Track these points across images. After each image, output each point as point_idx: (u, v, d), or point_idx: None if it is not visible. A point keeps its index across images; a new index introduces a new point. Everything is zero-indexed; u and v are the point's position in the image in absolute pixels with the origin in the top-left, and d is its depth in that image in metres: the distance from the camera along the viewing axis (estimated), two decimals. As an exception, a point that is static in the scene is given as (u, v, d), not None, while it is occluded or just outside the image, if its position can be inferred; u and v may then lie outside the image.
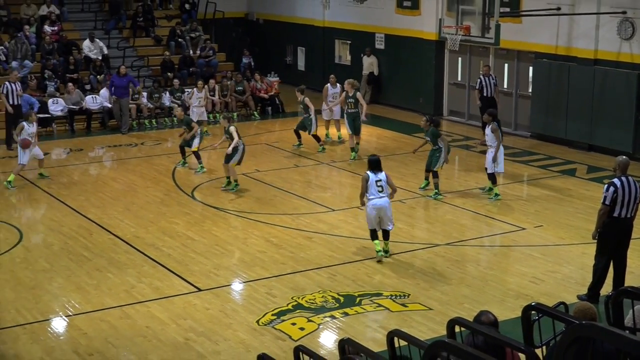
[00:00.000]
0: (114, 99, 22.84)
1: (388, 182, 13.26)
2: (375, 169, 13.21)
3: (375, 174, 13.16)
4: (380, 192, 13.09)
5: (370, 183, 13.07)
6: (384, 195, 13.13)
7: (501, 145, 16.56)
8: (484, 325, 6.93)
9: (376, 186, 13.08)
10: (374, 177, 13.10)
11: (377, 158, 13.46)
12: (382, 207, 13.11)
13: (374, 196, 13.06)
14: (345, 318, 11.39)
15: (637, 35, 19.43)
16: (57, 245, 14.36)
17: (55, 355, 10.35)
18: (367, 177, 13.12)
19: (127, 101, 22.89)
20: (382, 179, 13.14)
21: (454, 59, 24.59)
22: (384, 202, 13.11)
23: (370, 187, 13.08)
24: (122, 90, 22.73)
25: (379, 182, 13.11)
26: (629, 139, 19.67)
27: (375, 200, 13.07)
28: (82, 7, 27.87)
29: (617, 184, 11.51)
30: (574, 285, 12.39)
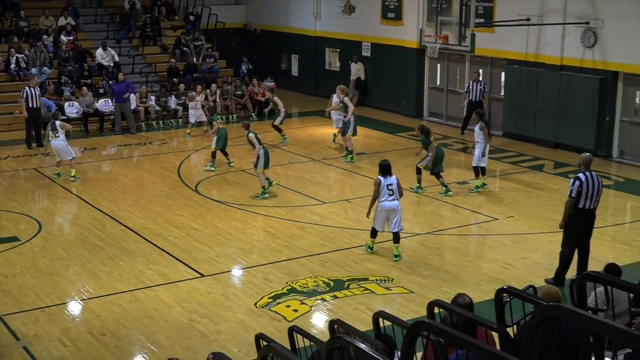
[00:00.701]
0: (115, 104, 22.71)
1: (398, 187, 12.87)
2: (386, 173, 12.78)
3: (386, 178, 12.75)
4: (391, 195, 12.72)
5: (382, 187, 12.70)
6: (395, 199, 12.76)
7: (482, 143, 16.54)
8: (461, 306, 6.93)
9: (387, 190, 12.72)
10: (385, 182, 12.71)
11: (387, 163, 12.96)
12: (391, 209, 12.75)
13: (385, 199, 12.72)
14: (335, 301, 11.38)
15: (599, 43, 19.43)
16: (73, 235, 14.31)
17: (71, 335, 10.32)
18: (379, 181, 12.73)
19: (129, 105, 22.78)
20: (393, 183, 12.76)
21: (434, 65, 24.56)
22: (394, 204, 12.75)
23: (382, 191, 12.71)
24: (122, 96, 22.61)
25: (390, 185, 12.73)
26: (592, 137, 19.68)
27: (385, 202, 12.72)
28: (95, 19, 27.74)
29: (582, 178, 11.53)
30: (542, 270, 12.39)
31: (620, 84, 19.42)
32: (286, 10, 29.57)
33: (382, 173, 12.81)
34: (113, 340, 10.20)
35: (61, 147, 17.50)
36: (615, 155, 19.67)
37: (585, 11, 19.59)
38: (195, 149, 21.14)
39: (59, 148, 17.49)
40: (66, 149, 17.57)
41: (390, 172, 12.84)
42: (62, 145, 17.51)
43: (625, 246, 13.52)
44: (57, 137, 17.47)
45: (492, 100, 22.28)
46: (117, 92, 22.61)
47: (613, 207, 16.08)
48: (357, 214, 15.46)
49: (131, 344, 10.17)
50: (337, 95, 20.00)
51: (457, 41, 19.43)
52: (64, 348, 10.00)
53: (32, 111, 20.52)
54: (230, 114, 24.90)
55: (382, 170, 12.84)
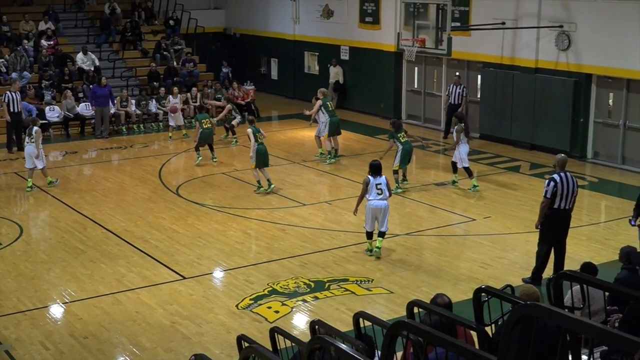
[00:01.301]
0: (94, 108, 22.57)
1: (387, 186, 12.91)
2: (376, 173, 12.82)
3: (376, 177, 12.79)
4: (379, 195, 12.75)
5: (371, 186, 12.73)
6: (383, 198, 12.78)
7: (464, 144, 16.68)
8: (440, 306, 6.94)
9: (376, 189, 12.74)
10: (374, 181, 12.73)
11: (378, 163, 13.03)
12: (379, 208, 12.77)
13: (374, 198, 12.74)
14: (316, 302, 11.37)
15: (573, 46, 19.56)
16: (54, 239, 14.20)
17: (53, 339, 10.24)
18: (368, 180, 12.77)
19: (108, 109, 22.69)
20: (382, 182, 12.79)
21: (411, 69, 24.63)
22: (382, 204, 12.76)
23: (371, 190, 12.73)
24: (104, 100, 22.46)
25: (378, 185, 12.75)
26: (567, 138, 19.81)
27: (374, 201, 12.74)
28: (76, 23, 27.56)
29: (557, 179, 11.59)
30: (519, 270, 12.45)
31: (593, 86, 19.57)
32: (265, 15, 29.54)
33: (372, 173, 12.84)
34: (95, 343, 10.13)
35: (32, 153, 16.89)
36: (590, 156, 19.81)
37: (559, 15, 19.73)
38: (176, 152, 21.06)
39: (31, 154, 16.90)
40: (39, 157, 16.97)
41: (380, 172, 12.88)
42: (32, 151, 16.90)
43: (600, 245, 13.61)
44: (32, 143, 16.95)
45: (468, 102, 22.36)
46: (100, 95, 22.46)
47: (588, 207, 16.19)
48: (336, 216, 15.47)
49: (113, 347, 10.11)
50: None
51: (434, 44, 19.51)
52: (46, 351, 9.91)
53: (13, 115, 20.36)
54: (211, 117, 24.78)
55: (372, 170, 12.87)
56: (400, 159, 16.69)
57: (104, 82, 22.72)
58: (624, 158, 19.16)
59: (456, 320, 6.27)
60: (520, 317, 4.48)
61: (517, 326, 4.46)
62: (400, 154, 16.67)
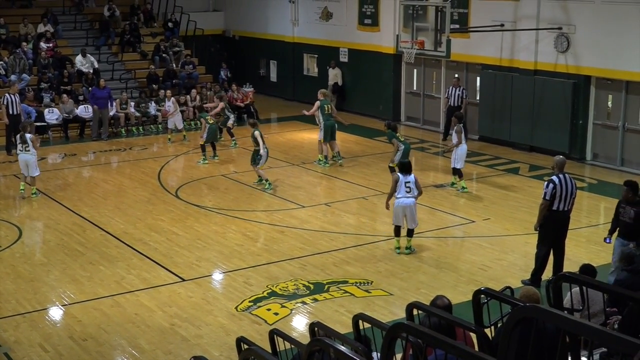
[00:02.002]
0: (95, 108, 22.56)
1: (416, 184, 13.14)
2: (406, 172, 13.10)
3: (405, 176, 13.04)
4: (408, 193, 12.99)
5: (400, 184, 12.98)
6: (411, 196, 13.02)
7: (463, 144, 16.74)
8: (439, 308, 6.94)
9: (405, 187, 12.99)
10: (404, 179, 13.00)
11: (408, 162, 13.48)
12: (408, 206, 13.02)
13: (402, 195, 12.99)
14: (315, 304, 11.37)
15: (572, 48, 19.58)
16: (53, 241, 14.20)
17: (52, 341, 10.23)
18: (398, 178, 13.04)
19: (107, 111, 22.66)
20: (411, 181, 13.03)
21: (410, 70, 24.64)
22: (410, 201, 13.02)
23: (400, 187, 12.98)
24: (103, 101, 22.44)
25: (407, 183, 13.00)
26: (566, 140, 19.82)
27: (402, 199, 12.99)
28: (75, 26, 27.56)
29: (555, 181, 11.60)
30: (518, 272, 12.45)
31: (592, 88, 19.58)
32: (264, 17, 29.55)
33: (402, 171, 13.16)
34: (94, 346, 10.12)
35: (32, 162, 16.46)
36: (589, 157, 19.82)
37: (558, 17, 19.74)
38: (175, 154, 21.06)
39: (30, 162, 16.44)
40: (35, 164, 16.59)
41: (410, 170, 13.17)
42: (32, 160, 16.47)
43: (599, 247, 13.58)
44: (27, 151, 16.42)
45: (468, 104, 22.37)
46: (99, 97, 22.44)
47: (587, 208, 16.19)
48: (336, 218, 15.47)
49: (113, 349, 10.10)
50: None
51: (433, 47, 19.51)
52: (45, 354, 9.91)
53: (12, 118, 20.36)
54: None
55: (402, 169, 13.22)
56: (400, 157, 16.61)
57: (103, 84, 22.73)
58: (623, 160, 19.17)
59: (456, 322, 6.27)
60: (520, 318, 4.48)
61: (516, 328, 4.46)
62: (402, 154, 16.72)
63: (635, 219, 10.88)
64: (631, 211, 10.94)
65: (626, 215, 11.02)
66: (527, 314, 4.49)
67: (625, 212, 11.03)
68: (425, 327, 5.29)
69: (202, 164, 19.27)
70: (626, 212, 11.03)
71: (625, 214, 11.03)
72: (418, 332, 4.87)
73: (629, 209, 10.98)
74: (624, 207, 11.08)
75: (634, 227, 10.94)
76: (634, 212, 10.90)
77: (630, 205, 10.96)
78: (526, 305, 4.96)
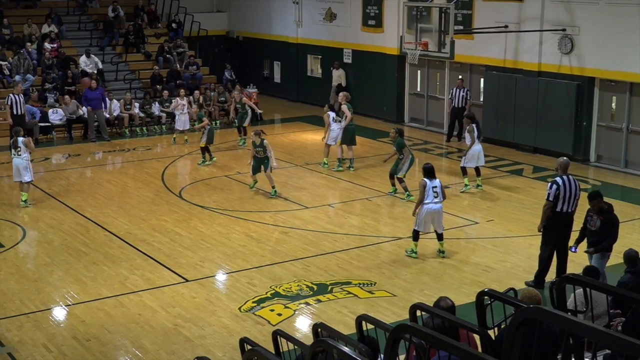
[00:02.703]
0: (89, 109, 22.43)
1: (441, 189, 12.97)
2: (431, 176, 12.90)
3: (432, 180, 12.86)
4: (436, 198, 12.83)
5: (428, 189, 12.78)
6: (439, 201, 12.89)
7: (477, 144, 16.87)
8: (443, 309, 6.93)
9: (432, 192, 12.80)
10: (431, 184, 12.81)
11: (431, 166, 13.15)
12: (437, 211, 12.89)
13: (430, 201, 12.79)
14: (319, 304, 11.37)
15: (576, 49, 19.56)
16: (57, 241, 14.22)
17: (56, 341, 10.25)
18: (425, 183, 12.81)
19: (102, 112, 22.53)
20: (437, 185, 12.87)
21: (414, 72, 24.63)
22: (439, 207, 12.90)
23: (428, 193, 12.78)
24: (96, 102, 22.34)
25: (435, 188, 12.82)
26: (569, 141, 19.81)
27: (431, 205, 12.81)
28: (79, 26, 27.63)
29: (559, 182, 11.60)
30: (521, 273, 12.44)
31: (596, 89, 19.56)
32: (268, 18, 29.57)
33: (428, 176, 12.91)
34: (98, 346, 10.14)
35: (23, 167, 16.06)
36: (593, 159, 19.80)
37: (562, 18, 19.73)
38: (179, 154, 21.08)
39: (22, 167, 16.05)
40: (27, 169, 16.15)
41: (434, 175, 12.98)
42: (24, 164, 16.06)
43: (603, 249, 13.56)
44: (19, 155, 16.05)
45: (471, 106, 22.35)
46: (91, 99, 22.35)
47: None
48: (339, 219, 15.48)
49: (116, 349, 10.11)
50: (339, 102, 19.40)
51: (437, 48, 19.48)
52: (49, 354, 9.92)
53: (17, 118, 20.39)
54: (214, 120, 24.84)
55: (427, 173, 12.95)
56: (408, 167, 16.37)
57: (94, 85, 22.64)
58: (626, 161, 19.15)
59: (459, 323, 6.27)
60: (523, 320, 4.48)
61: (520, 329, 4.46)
62: (410, 162, 16.36)
63: (601, 228, 10.93)
64: (598, 220, 10.98)
65: (593, 224, 11.06)
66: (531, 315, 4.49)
67: (592, 221, 11.06)
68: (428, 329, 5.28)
69: (204, 165, 19.28)
70: (593, 221, 11.05)
71: (592, 223, 11.06)
72: (421, 333, 4.87)
73: (596, 218, 11.00)
74: (592, 216, 11.09)
75: (599, 236, 10.99)
76: (600, 221, 10.94)
77: (597, 214, 10.98)
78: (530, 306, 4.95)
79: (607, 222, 10.97)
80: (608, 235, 10.98)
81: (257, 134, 16.77)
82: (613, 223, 11.07)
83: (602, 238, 11.00)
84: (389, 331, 6.03)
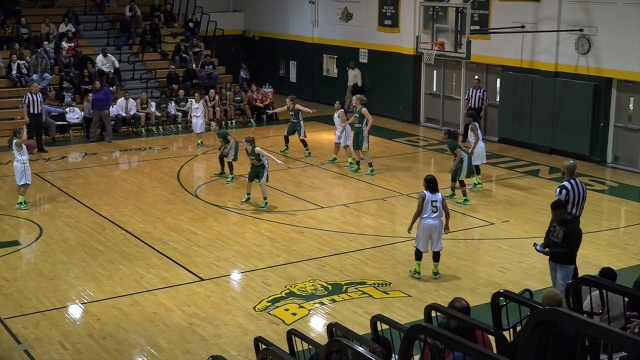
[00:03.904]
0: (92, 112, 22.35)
1: (443, 205, 12.04)
2: (433, 189, 11.96)
3: (433, 194, 11.96)
4: (435, 212, 11.91)
5: (427, 202, 11.87)
6: (437, 217, 11.96)
7: (480, 141, 16.76)
8: (458, 310, 6.92)
9: (431, 206, 11.90)
10: (431, 197, 11.89)
11: (433, 178, 12.10)
12: (435, 227, 11.98)
13: (428, 216, 11.92)
14: (333, 304, 11.37)
15: (593, 50, 19.46)
16: (73, 239, 14.29)
17: (72, 339, 10.30)
18: (425, 196, 11.88)
19: (107, 113, 22.49)
20: (438, 200, 11.94)
21: (430, 72, 24.58)
22: (437, 222, 11.99)
23: (426, 207, 11.88)
24: (101, 103, 22.33)
25: (434, 202, 11.90)
26: (586, 142, 19.71)
27: (428, 220, 11.93)
28: (96, 26, 27.76)
29: (568, 187, 11.54)
30: (537, 274, 12.39)
31: (614, 90, 19.45)
32: (284, 18, 29.60)
33: (429, 188, 12.00)
34: (113, 344, 10.18)
35: (16, 169, 15.76)
36: (610, 160, 19.70)
37: (579, 18, 19.63)
38: (194, 154, 21.13)
39: (15, 169, 15.81)
40: (22, 171, 15.69)
41: (437, 188, 12.07)
42: (16, 166, 15.76)
43: (620, 250, 13.52)
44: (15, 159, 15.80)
45: (487, 106, 22.29)
46: (95, 99, 22.33)
47: (607, 211, 16.09)
48: (355, 219, 15.47)
49: (131, 348, 10.16)
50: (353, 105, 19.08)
51: (453, 48, 19.44)
52: (65, 351, 9.98)
53: (34, 117, 20.52)
54: (229, 119, 24.92)
55: (429, 185, 12.01)
56: (466, 168, 16.01)
57: (98, 85, 22.68)
58: (644, 163, 19.04)
59: (474, 324, 6.25)
60: (539, 321, 4.46)
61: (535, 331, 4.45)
62: (467, 163, 15.98)
63: (564, 240, 10.25)
64: (561, 231, 10.30)
65: (556, 235, 10.36)
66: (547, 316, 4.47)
67: (555, 232, 10.37)
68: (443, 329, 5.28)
69: (231, 182, 17.96)
70: (556, 232, 10.36)
71: (555, 234, 10.37)
72: (436, 334, 4.87)
73: (559, 229, 10.32)
74: (555, 227, 10.41)
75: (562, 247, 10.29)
76: (563, 232, 10.27)
77: (560, 225, 10.31)
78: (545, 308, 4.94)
79: (570, 234, 10.27)
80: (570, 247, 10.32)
81: (249, 142, 15.98)
82: (576, 235, 10.36)
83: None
84: (403, 332, 6.03)
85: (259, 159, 15.98)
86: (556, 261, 10.45)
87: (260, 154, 15.97)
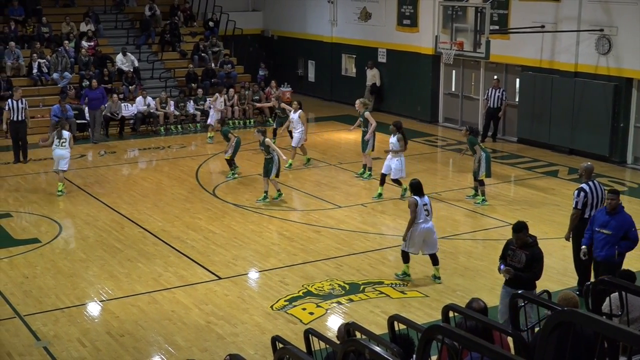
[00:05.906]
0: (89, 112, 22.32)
1: (431, 206, 12.05)
2: (420, 193, 11.91)
3: (421, 197, 11.90)
4: (427, 216, 11.87)
5: (419, 207, 11.81)
6: (430, 219, 11.94)
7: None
8: (475, 311, 6.90)
9: (424, 210, 11.83)
10: (421, 202, 11.83)
11: (418, 181, 12.05)
12: (428, 230, 11.90)
13: (422, 220, 11.82)
14: (350, 304, 11.36)
15: (613, 50, 19.33)
16: (92, 237, 14.37)
17: (90, 336, 10.36)
18: (416, 201, 11.79)
19: (100, 113, 22.40)
20: (427, 203, 11.91)
21: (449, 72, 24.51)
22: (430, 225, 11.91)
23: (420, 212, 11.78)
24: (96, 102, 22.30)
25: (425, 206, 11.85)
26: (606, 143, 19.58)
27: (423, 224, 11.83)
28: (116, 25, 27.89)
29: (586, 189, 11.46)
30: (556, 275, 12.33)
31: (634, 90, 19.31)
32: (303, 17, 29.61)
33: (416, 193, 11.94)
34: (131, 341, 10.23)
35: (66, 157, 16.90)
36: (630, 161, 19.56)
37: (600, 18, 19.50)
38: (213, 152, 21.18)
39: (63, 157, 16.85)
40: (66, 160, 16.99)
41: (422, 191, 12.01)
42: (67, 155, 16.93)
43: (639, 252, 13.39)
44: (63, 147, 16.78)
45: (507, 106, 22.20)
46: (92, 99, 22.28)
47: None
48: (372, 218, 15.45)
49: (149, 345, 10.20)
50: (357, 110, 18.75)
51: (472, 48, 19.36)
52: (83, 348, 10.03)
53: (13, 124, 19.46)
54: (248, 118, 24.96)
55: (415, 190, 11.96)
56: (486, 167, 15.90)
57: (94, 84, 22.72)
58: (664, 164, 18.91)
59: (492, 325, 6.23)
60: (558, 323, 4.43)
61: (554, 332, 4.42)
62: (485, 162, 15.89)
63: (527, 265, 9.40)
64: (522, 255, 9.43)
65: (516, 259, 9.48)
66: (565, 318, 4.44)
67: (516, 257, 9.48)
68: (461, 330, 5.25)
69: (231, 179, 18.22)
70: (517, 257, 9.47)
71: (517, 259, 9.47)
72: (454, 334, 4.84)
73: (519, 253, 9.46)
74: (514, 250, 9.55)
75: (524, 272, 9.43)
76: (526, 256, 9.41)
77: (521, 248, 9.47)
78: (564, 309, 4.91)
79: (533, 258, 9.42)
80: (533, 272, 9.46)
81: (260, 132, 16.09)
82: (539, 258, 9.50)
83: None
84: (421, 332, 6.01)
85: (269, 151, 16.07)
86: (516, 287, 9.00)
87: (270, 146, 16.05)
